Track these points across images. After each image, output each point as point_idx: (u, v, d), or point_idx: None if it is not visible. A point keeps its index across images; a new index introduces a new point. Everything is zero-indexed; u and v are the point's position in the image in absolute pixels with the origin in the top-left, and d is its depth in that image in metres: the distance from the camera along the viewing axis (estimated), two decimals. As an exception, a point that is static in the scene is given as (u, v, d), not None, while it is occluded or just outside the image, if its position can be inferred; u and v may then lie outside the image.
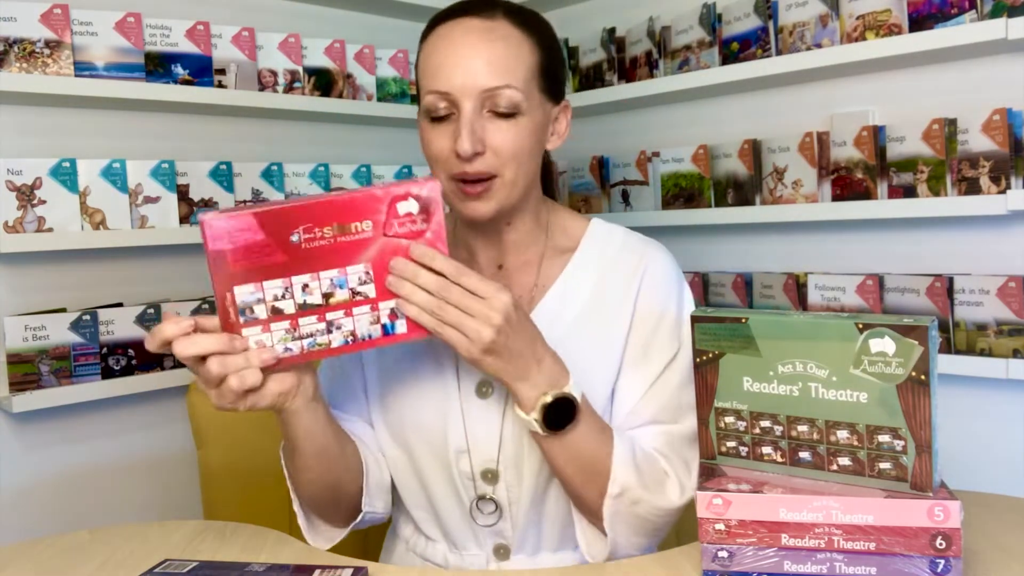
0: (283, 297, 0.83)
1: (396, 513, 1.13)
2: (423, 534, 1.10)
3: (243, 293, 0.82)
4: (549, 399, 0.90)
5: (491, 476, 1.02)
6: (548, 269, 1.06)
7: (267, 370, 0.84)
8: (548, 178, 1.15)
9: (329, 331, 0.85)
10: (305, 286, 0.83)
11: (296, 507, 1.03)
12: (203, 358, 0.82)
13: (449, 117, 0.97)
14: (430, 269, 0.85)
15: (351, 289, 0.84)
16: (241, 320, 0.83)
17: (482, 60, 0.95)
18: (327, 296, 0.84)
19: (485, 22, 0.97)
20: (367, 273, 0.84)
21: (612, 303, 1.04)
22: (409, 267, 0.84)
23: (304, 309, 0.84)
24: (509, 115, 0.96)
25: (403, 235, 0.84)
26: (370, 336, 0.86)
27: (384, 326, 0.86)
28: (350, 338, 0.86)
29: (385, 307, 0.86)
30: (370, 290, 0.85)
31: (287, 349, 0.85)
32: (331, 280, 0.84)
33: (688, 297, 1.07)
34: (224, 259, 0.81)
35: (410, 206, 0.84)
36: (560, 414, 0.92)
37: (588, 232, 1.09)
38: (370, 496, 1.04)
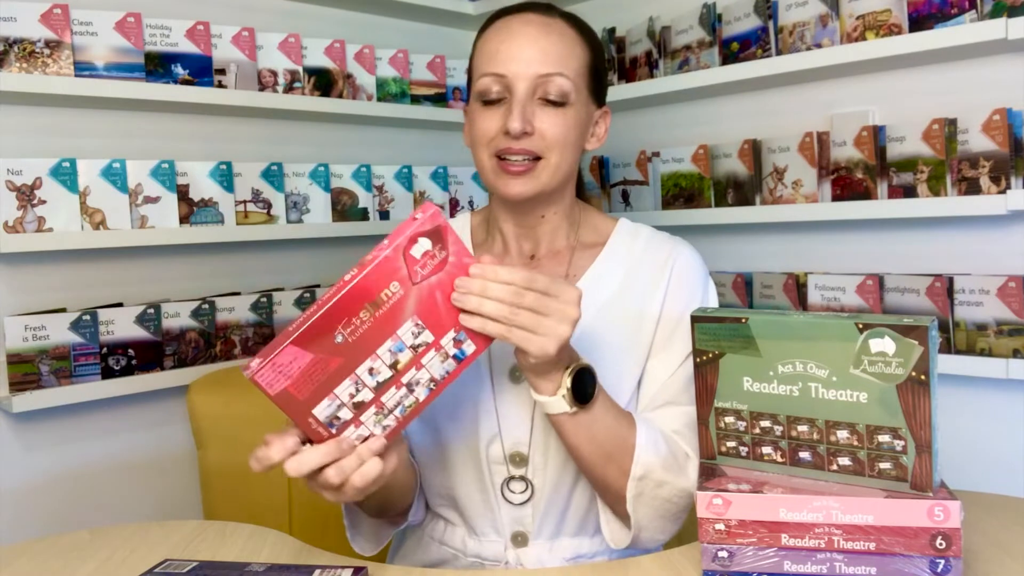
0: (358, 392, 0.83)
1: None
2: (442, 518, 1.12)
3: (322, 411, 0.82)
4: (570, 377, 0.92)
5: (520, 459, 1.05)
6: (579, 260, 1.10)
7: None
8: (578, 181, 1.19)
9: (411, 391, 0.85)
10: (370, 370, 0.83)
11: (346, 520, 1.06)
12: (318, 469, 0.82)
13: (500, 101, 1.01)
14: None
15: (411, 347, 0.83)
16: (333, 431, 0.83)
17: (538, 48, 1.00)
18: (394, 365, 0.83)
19: (543, 18, 1.03)
20: (417, 324, 0.83)
21: (640, 295, 1.07)
22: (475, 282, 0.83)
23: (380, 388, 0.84)
24: (558, 104, 1.01)
25: (430, 273, 0.83)
26: (447, 372, 0.86)
27: (455, 356, 0.86)
28: (432, 384, 0.85)
29: (447, 341, 0.85)
30: (427, 336, 0.84)
31: (385, 427, 0.85)
32: (389, 351, 0.83)
33: (713, 290, 1.12)
34: (289, 395, 0.81)
35: (423, 245, 0.82)
36: (583, 387, 0.93)
37: (616, 229, 1.13)
38: (417, 505, 1.10)
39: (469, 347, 0.86)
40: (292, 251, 2.04)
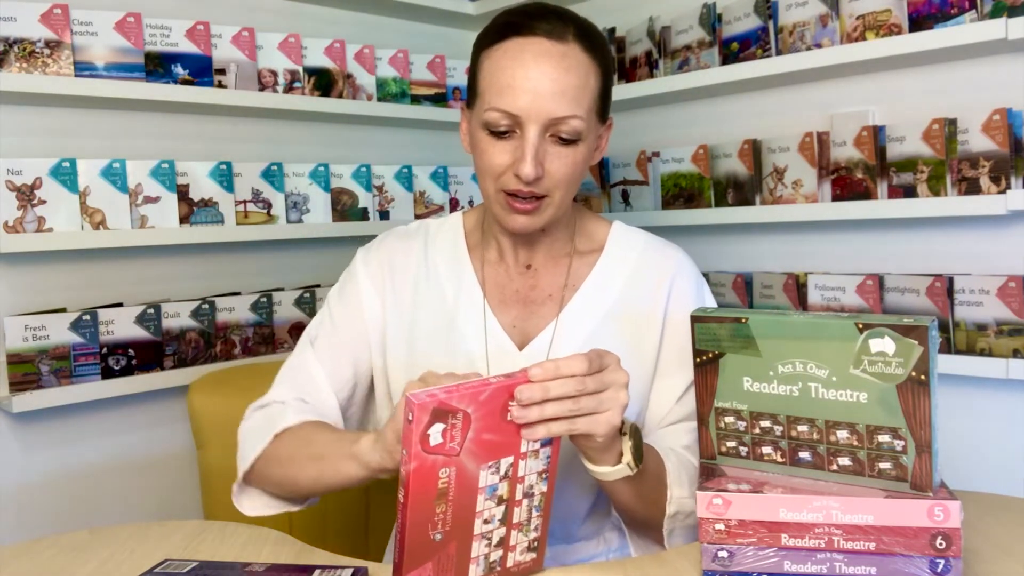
0: (491, 539, 0.81)
1: None
2: None
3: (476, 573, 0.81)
4: (630, 441, 0.89)
5: None
6: (578, 269, 1.10)
7: None
8: None
9: (531, 495, 0.82)
10: (485, 520, 0.80)
11: (240, 483, 1.05)
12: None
13: (509, 134, 0.97)
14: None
15: (502, 479, 0.79)
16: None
17: (553, 88, 0.95)
18: (500, 500, 0.80)
19: (558, 46, 0.96)
20: (489, 467, 0.78)
21: (641, 304, 1.07)
22: (536, 388, 0.77)
23: (506, 519, 0.81)
24: (569, 142, 0.98)
25: (463, 436, 0.75)
26: (547, 456, 0.82)
27: (542, 443, 0.81)
28: (545, 475, 0.82)
29: (524, 445, 0.80)
30: (506, 461, 0.79)
31: (536, 527, 0.84)
32: (486, 499, 0.79)
33: (710, 296, 1.12)
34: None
35: (436, 432, 0.74)
36: (638, 446, 0.91)
37: (611, 235, 1.12)
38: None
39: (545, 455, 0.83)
40: (292, 251, 2.04)
